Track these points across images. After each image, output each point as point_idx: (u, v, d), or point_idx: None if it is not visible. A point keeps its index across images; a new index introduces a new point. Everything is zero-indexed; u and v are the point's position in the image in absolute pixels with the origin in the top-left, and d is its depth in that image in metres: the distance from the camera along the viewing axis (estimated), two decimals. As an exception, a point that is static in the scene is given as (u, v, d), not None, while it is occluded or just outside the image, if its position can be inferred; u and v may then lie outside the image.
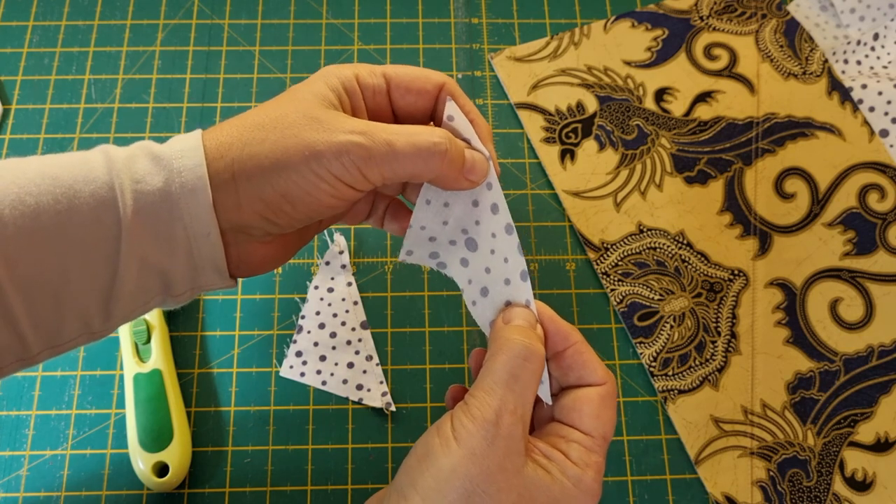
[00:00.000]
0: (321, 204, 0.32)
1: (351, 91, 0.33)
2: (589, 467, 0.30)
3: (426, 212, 0.35)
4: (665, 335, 0.49)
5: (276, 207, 0.31)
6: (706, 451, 0.46)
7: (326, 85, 0.32)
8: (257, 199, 0.31)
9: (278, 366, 0.48)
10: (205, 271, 0.32)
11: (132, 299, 0.32)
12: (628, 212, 0.52)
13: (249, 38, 0.57)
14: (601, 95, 0.55)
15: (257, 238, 0.33)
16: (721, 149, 0.54)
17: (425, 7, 0.58)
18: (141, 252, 0.31)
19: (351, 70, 0.33)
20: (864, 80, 0.55)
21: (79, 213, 0.30)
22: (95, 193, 0.30)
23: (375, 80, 0.34)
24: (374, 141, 0.30)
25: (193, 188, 0.30)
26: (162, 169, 0.31)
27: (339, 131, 0.30)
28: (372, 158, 0.30)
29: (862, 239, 0.51)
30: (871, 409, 0.47)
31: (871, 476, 0.46)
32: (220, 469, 0.45)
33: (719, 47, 0.57)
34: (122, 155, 0.31)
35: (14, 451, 0.45)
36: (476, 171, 0.33)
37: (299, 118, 0.31)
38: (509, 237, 0.33)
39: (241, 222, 0.32)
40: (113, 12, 0.57)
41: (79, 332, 0.32)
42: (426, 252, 0.37)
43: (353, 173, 0.31)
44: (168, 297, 0.33)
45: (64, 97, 0.54)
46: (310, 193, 0.31)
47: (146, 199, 0.30)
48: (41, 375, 0.47)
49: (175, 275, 0.32)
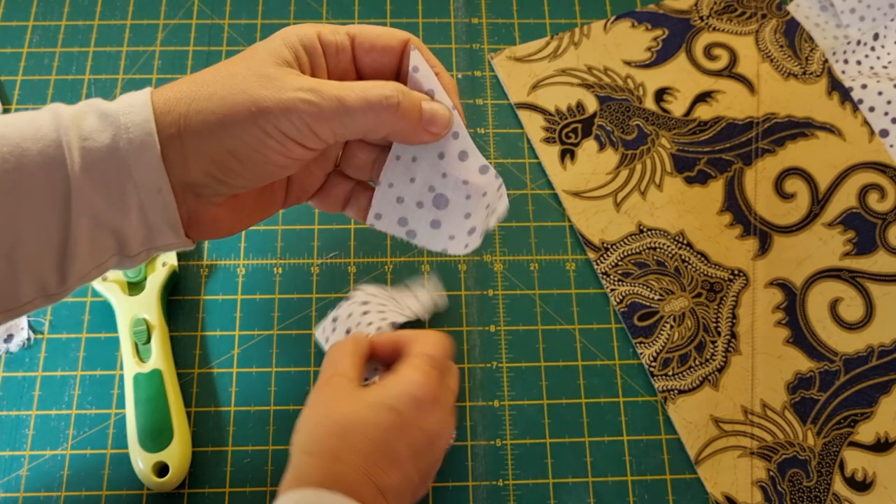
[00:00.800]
0: (270, 162, 0.31)
1: (311, 49, 0.32)
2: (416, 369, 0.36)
3: (394, 167, 0.34)
4: (665, 335, 0.49)
5: (224, 165, 0.31)
6: (706, 451, 0.46)
7: (284, 43, 0.32)
8: (204, 156, 0.30)
9: (278, 366, 0.48)
10: (160, 230, 0.32)
11: (87, 259, 0.31)
12: (628, 212, 0.52)
13: (249, 38, 0.57)
14: (601, 95, 0.55)
15: (207, 198, 0.32)
16: (721, 149, 0.54)
17: (425, 7, 0.58)
18: (92, 210, 0.30)
19: (313, 28, 0.33)
20: (864, 80, 0.55)
21: (27, 172, 0.29)
22: (43, 151, 0.29)
23: (338, 37, 0.33)
24: (324, 97, 0.30)
25: (142, 144, 0.30)
26: (109, 125, 0.30)
27: (288, 88, 0.30)
28: (322, 114, 0.30)
29: (862, 239, 0.51)
30: (871, 409, 0.47)
31: (871, 476, 0.46)
32: (220, 469, 0.45)
33: (719, 47, 0.57)
34: (69, 112, 0.31)
35: (14, 451, 0.45)
36: (437, 123, 0.32)
37: (249, 75, 0.30)
38: (484, 176, 0.33)
39: (189, 179, 0.31)
40: (113, 12, 0.57)
41: (35, 294, 0.31)
42: (395, 217, 0.36)
43: (303, 130, 0.30)
44: (124, 258, 0.33)
45: (64, 97, 0.54)
46: (257, 151, 0.30)
47: (94, 156, 0.30)
48: (41, 376, 0.47)
49: (129, 233, 0.31)
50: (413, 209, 0.36)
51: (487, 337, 0.49)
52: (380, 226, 0.37)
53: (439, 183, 0.34)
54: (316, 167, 0.37)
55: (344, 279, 0.50)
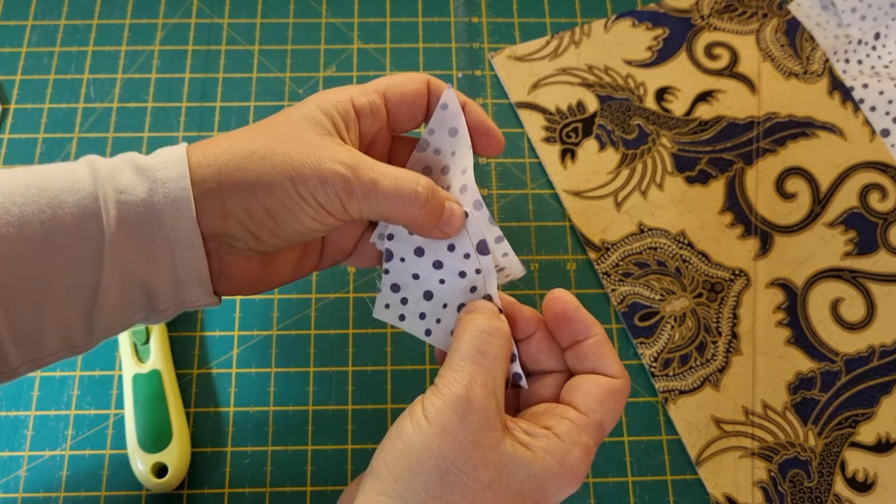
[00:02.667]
0: (302, 224, 0.32)
1: (344, 115, 0.33)
2: (576, 446, 0.29)
3: (397, 265, 0.35)
4: (666, 335, 0.49)
5: (259, 221, 0.31)
6: (707, 452, 0.46)
7: (319, 109, 0.33)
8: (241, 210, 0.31)
9: (278, 366, 0.47)
10: (189, 285, 0.32)
11: (115, 312, 0.32)
12: (629, 211, 0.52)
13: (249, 38, 0.56)
14: (602, 95, 0.55)
15: (240, 251, 0.33)
16: (722, 148, 0.54)
17: (425, 6, 0.58)
18: (124, 263, 0.31)
19: (345, 94, 0.34)
20: (865, 80, 0.55)
21: (63, 223, 0.30)
22: (80, 203, 0.30)
23: (370, 97, 0.34)
24: (359, 176, 0.31)
25: (177, 199, 0.31)
26: (146, 180, 0.31)
27: (327, 159, 0.31)
28: (354, 193, 0.31)
29: (863, 239, 0.51)
30: (873, 410, 0.47)
31: (873, 477, 0.46)
32: (219, 470, 0.45)
33: (720, 47, 0.57)
34: (106, 165, 0.31)
35: (13, 451, 0.45)
36: (452, 225, 0.33)
37: (290, 140, 0.31)
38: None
39: (224, 231, 0.32)
40: (112, 11, 0.57)
41: (60, 346, 0.31)
42: (417, 309, 0.36)
43: (335, 202, 0.31)
44: (152, 313, 0.33)
45: (63, 97, 0.54)
46: (291, 212, 0.31)
47: (129, 210, 0.30)
48: (40, 376, 0.47)
49: (158, 288, 0.32)
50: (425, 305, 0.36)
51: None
52: (398, 322, 0.36)
53: (438, 289, 0.35)
54: (349, 227, 0.37)
55: (343, 279, 0.50)
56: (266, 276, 0.35)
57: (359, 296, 0.50)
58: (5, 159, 0.52)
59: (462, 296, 0.34)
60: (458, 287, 0.34)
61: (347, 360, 0.48)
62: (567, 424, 0.30)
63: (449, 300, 0.35)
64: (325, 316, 0.49)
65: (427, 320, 0.35)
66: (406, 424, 0.29)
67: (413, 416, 0.29)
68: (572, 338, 0.33)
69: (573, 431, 0.29)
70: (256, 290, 0.36)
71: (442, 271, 0.35)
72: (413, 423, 0.29)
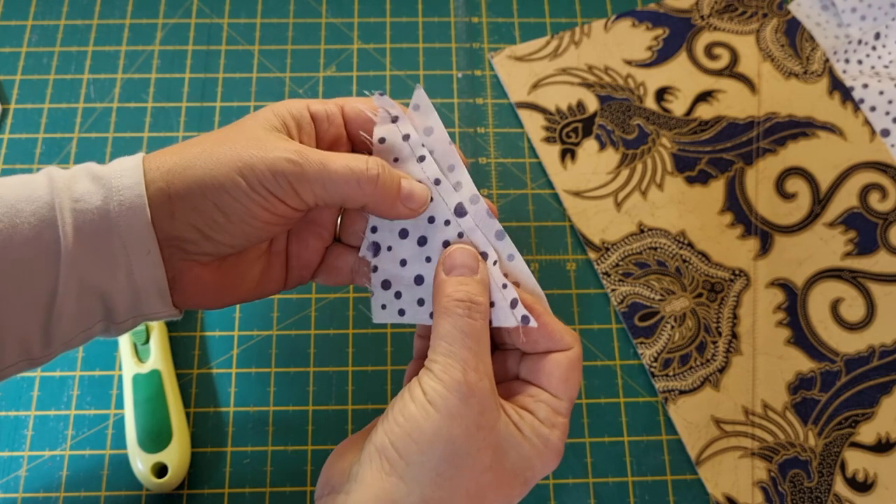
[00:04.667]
0: (255, 217, 0.32)
1: (299, 118, 0.34)
2: (556, 427, 0.32)
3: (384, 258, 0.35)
4: (666, 335, 0.49)
5: (210, 218, 0.31)
6: (707, 452, 0.46)
7: (273, 113, 0.33)
8: (191, 209, 0.31)
9: (278, 366, 0.47)
10: (147, 295, 0.32)
11: (72, 323, 0.32)
12: (629, 211, 0.52)
13: (249, 38, 0.56)
14: (602, 95, 0.55)
15: (193, 255, 0.33)
16: (722, 148, 0.54)
17: (425, 6, 0.58)
18: (80, 272, 0.31)
19: (302, 102, 0.35)
20: (865, 80, 0.55)
21: (19, 231, 0.30)
22: (37, 213, 0.30)
23: (327, 107, 0.35)
24: (308, 159, 0.31)
25: (132, 206, 0.31)
26: (101, 188, 0.31)
27: (273, 149, 0.31)
28: (305, 175, 0.31)
29: (863, 239, 0.51)
30: (873, 410, 0.47)
31: (873, 477, 0.46)
32: (219, 470, 0.45)
33: (720, 47, 0.57)
34: (63, 175, 0.32)
35: (13, 451, 0.45)
36: (414, 199, 0.34)
37: (238, 137, 0.32)
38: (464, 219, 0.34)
39: (176, 233, 0.32)
40: (112, 11, 0.57)
41: (18, 358, 0.31)
42: (413, 297, 0.36)
43: (286, 189, 0.31)
44: (111, 325, 0.33)
45: (63, 97, 0.54)
46: (242, 204, 0.31)
47: (85, 218, 0.30)
48: (40, 376, 0.47)
49: (116, 298, 0.32)
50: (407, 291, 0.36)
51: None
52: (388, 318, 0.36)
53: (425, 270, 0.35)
54: (311, 238, 0.37)
55: (344, 279, 0.50)
56: (225, 286, 0.35)
57: (359, 296, 0.49)
58: (5, 159, 0.52)
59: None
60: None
61: (347, 360, 0.48)
62: (544, 408, 0.32)
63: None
64: (325, 316, 0.49)
65: (427, 305, 0.35)
66: (410, 406, 0.30)
67: (416, 398, 0.30)
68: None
69: (550, 414, 0.32)
70: (216, 302, 0.35)
71: (427, 247, 0.35)
72: (417, 406, 0.30)
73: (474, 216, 0.34)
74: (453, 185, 0.35)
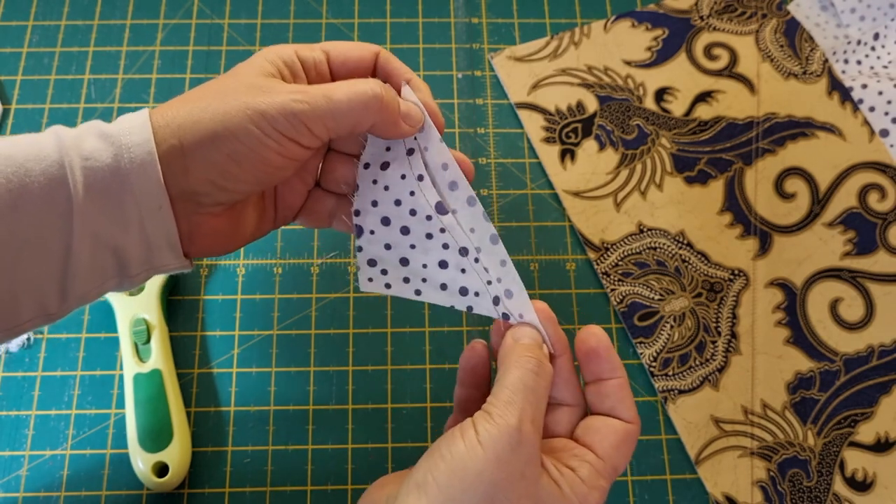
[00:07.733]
0: (268, 162, 0.32)
1: (290, 63, 0.35)
2: (595, 489, 0.31)
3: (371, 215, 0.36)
4: (665, 335, 0.49)
5: (224, 169, 0.32)
6: (706, 451, 0.46)
7: (266, 59, 0.34)
8: (205, 162, 0.32)
9: (278, 366, 0.48)
10: (159, 249, 0.33)
11: (87, 278, 0.32)
12: (628, 212, 0.52)
13: (249, 38, 0.57)
14: (601, 95, 0.55)
15: (207, 208, 0.33)
16: (721, 148, 0.54)
17: (425, 7, 0.58)
18: (93, 228, 0.31)
19: (290, 47, 0.35)
20: (864, 80, 0.55)
21: (30, 191, 0.30)
22: (46, 171, 0.30)
23: (314, 53, 0.36)
24: (313, 95, 0.32)
25: (143, 163, 0.31)
26: (111, 145, 0.31)
27: (279, 93, 0.32)
28: (314, 111, 0.32)
29: (862, 239, 0.51)
30: (872, 409, 0.47)
31: (872, 476, 0.46)
32: (219, 469, 0.45)
33: (719, 47, 0.57)
34: (70, 134, 0.32)
35: (14, 451, 0.45)
36: (412, 117, 0.35)
37: (240, 86, 0.32)
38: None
39: (190, 188, 0.32)
40: (113, 12, 0.57)
41: (35, 313, 0.32)
42: (399, 275, 0.37)
43: (298, 127, 0.32)
44: (124, 279, 0.33)
45: (64, 97, 0.54)
46: (255, 151, 0.32)
47: (96, 175, 0.31)
48: (41, 376, 0.47)
49: (129, 252, 0.32)
50: (408, 251, 0.37)
51: (488, 337, 0.49)
52: (373, 287, 0.38)
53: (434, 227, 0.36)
54: (297, 182, 0.38)
55: (343, 279, 0.50)
56: (232, 232, 0.36)
57: (359, 296, 0.50)
58: (6, 159, 0.52)
59: (437, 254, 0.36)
60: (429, 248, 0.36)
61: (347, 360, 0.48)
62: (588, 468, 0.31)
63: (426, 260, 0.36)
64: (325, 316, 0.49)
65: (412, 283, 0.37)
66: (458, 444, 0.30)
67: (466, 437, 0.30)
68: (597, 374, 0.34)
69: (593, 475, 0.31)
70: (225, 249, 0.36)
71: (410, 237, 0.36)
72: (467, 445, 0.30)
73: (471, 218, 0.34)
74: (448, 183, 0.35)
